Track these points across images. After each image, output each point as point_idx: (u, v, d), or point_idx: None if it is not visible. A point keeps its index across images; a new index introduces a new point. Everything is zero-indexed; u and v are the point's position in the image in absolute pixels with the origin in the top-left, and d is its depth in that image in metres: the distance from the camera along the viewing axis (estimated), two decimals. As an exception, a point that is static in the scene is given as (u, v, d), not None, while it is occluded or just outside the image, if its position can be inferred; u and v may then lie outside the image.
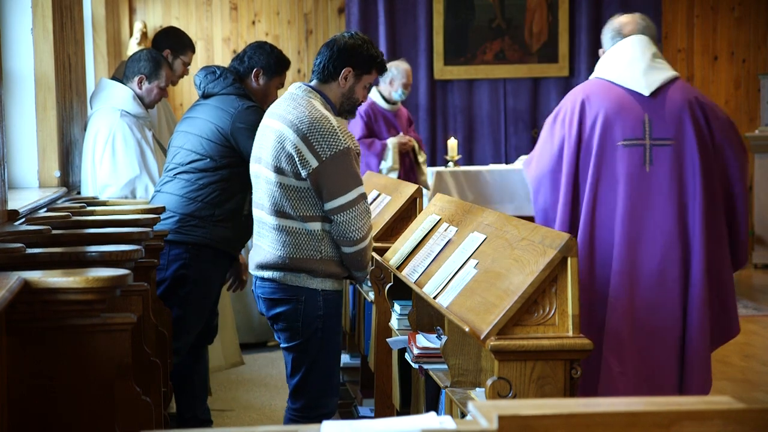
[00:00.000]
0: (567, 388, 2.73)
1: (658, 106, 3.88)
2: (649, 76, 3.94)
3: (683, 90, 3.92)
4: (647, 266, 3.85)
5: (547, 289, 2.77)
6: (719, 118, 3.89)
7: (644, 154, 3.86)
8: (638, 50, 3.99)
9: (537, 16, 9.96)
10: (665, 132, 3.86)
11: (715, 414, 1.49)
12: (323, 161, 3.72)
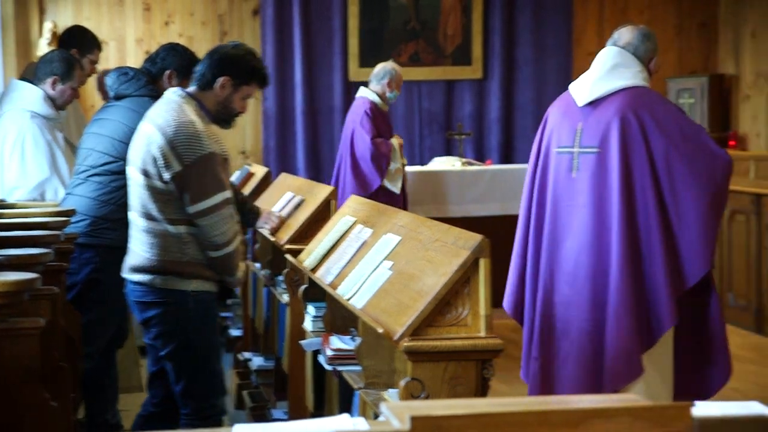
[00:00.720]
0: (479, 388, 2.75)
1: (591, 116, 4.02)
2: (596, 86, 4.06)
3: (624, 100, 3.99)
4: (565, 266, 4.03)
5: (460, 290, 2.79)
6: (662, 130, 3.93)
7: (572, 161, 4.03)
8: (599, 61, 4.15)
9: (451, 19, 10.03)
10: (592, 140, 4.00)
11: (622, 411, 1.51)
12: (186, 165, 3.76)
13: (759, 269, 7.44)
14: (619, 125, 3.95)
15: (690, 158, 3.93)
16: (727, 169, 3.96)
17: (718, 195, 3.94)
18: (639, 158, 3.94)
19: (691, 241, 3.91)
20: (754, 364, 6.55)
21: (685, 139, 3.96)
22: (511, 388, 6.03)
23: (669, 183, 3.92)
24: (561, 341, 4.07)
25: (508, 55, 10.05)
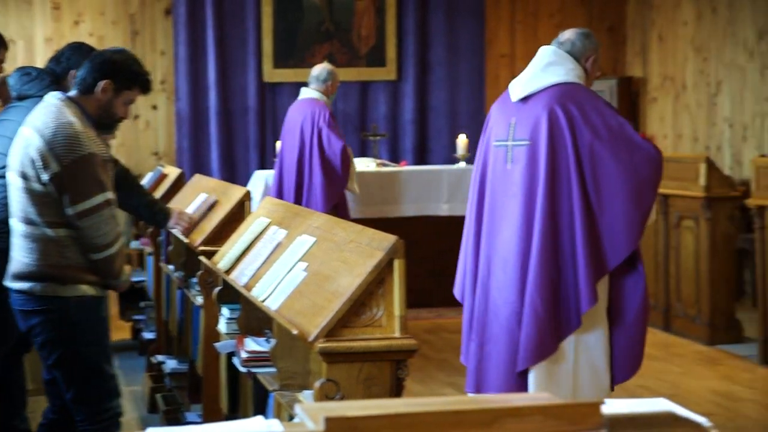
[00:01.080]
0: (394, 388, 2.76)
1: (523, 111, 4.25)
2: (529, 83, 4.28)
3: (552, 95, 4.20)
4: (501, 252, 4.25)
5: (375, 291, 2.80)
6: (588, 123, 4.13)
7: (507, 153, 4.28)
8: (535, 60, 4.35)
9: (365, 20, 10.05)
10: (523, 133, 4.23)
11: (534, 410, 1.53)
12: (65, 165, 3.72)
13: (666, 269, 7.58)
14: (548, 118, 4.16)
15: (614, 150, 4.12)
16: (650, 161, 4.15)
17: (642, 184, 4.12)
18: (565, 149, 4.14)
19: (612, 227, 4.10)
20: (661, 362, 6.67)
21: (610, 132, 4.14)
22: (426, 388, 6.07)
23: (592, 173, 4.12)
24: (493, 324, 4.27)
25: (421, 57, 10.10)
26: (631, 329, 4.20)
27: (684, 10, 10.26)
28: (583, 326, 4.15)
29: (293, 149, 7.54)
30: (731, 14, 9.54)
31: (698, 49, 10.03)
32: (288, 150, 7.59)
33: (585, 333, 4.18)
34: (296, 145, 7.49)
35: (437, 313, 8.48)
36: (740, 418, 5.44)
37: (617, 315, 4.22)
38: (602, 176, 4.12)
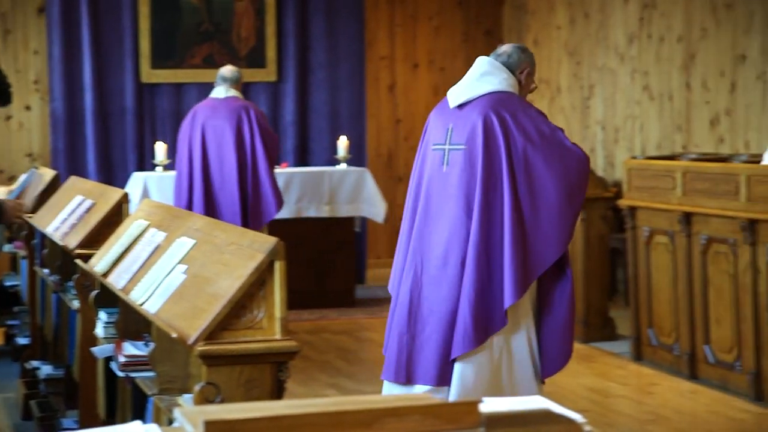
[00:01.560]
0: (275, 390, 2.76)
1: (460, 117, 4.46)
2: (466, 91, 4.50)
3: (487, 102, 4.42)
4: (436, 250, 4.43)
5: (256, 293, 2.79)
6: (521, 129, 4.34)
7: (443, 157, 4.48)
8: (472, 70, 4.58)
9: (245, 21, 9.99)
10: (460, 138, 4.43)
11: (413, 410, 1.55)
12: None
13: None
14: (483, 124, 4.37)
15: (546, 155, 4.33)
16: (580, 165, 4.39)
17: (573, 188, 4.36)
18: (499, 154, 4.34)
19: (545, 230, 4.32)
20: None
21: (542, 138, 4.35)
22: (308, 390, 6.07)
23: (525, 177, 4.33)
24: (428, 319, 4.43)
25: (302, 59, 10.09)
26: (559, 328, 4.38)
27: (558, 15, 10.47)
28: (510, 324, 4.34)
29: (229, 154, 7.41)
30: (603, 19, 9.77)
31: (572, 53, 10.24)
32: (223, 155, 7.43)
33: (511, 331, 4.36)
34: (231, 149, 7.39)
35: (319, 315, 8.49)
36: (613, 413, 5.57)
37: (546, 314, 4.40)
38: (535, 179, 4.32)
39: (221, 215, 7.29)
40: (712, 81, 8.42)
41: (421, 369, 4.41)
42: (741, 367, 5.78)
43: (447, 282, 4.39)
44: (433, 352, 4.40)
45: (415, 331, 4.47)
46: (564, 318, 4.39)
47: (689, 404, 5.70)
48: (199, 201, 7.38)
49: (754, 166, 6.04)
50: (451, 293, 4.38)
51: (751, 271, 5.65)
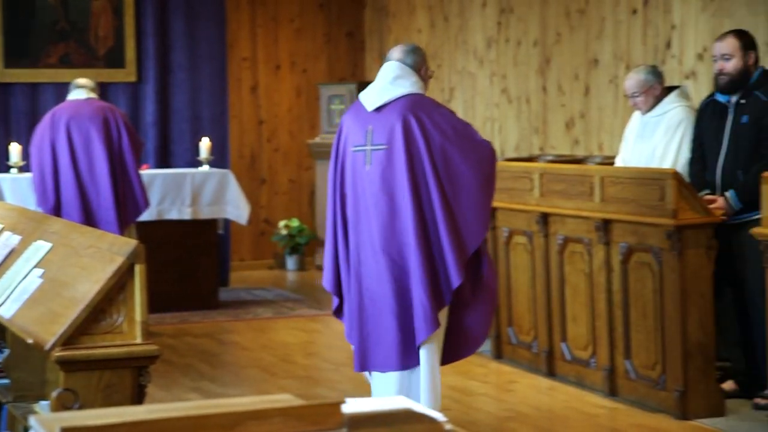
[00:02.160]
0: (135, 395, 2.72)
1: (379, 119, 4.81)
2: (381, 94, 4.85)
3: (404, 105, 4.79)
4: (368, 243, 4.78)
5: (115, 297, 2.76)
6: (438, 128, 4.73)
7: (365, 157, 4.83)
8: (382, 74, 4.92)
9: (102, 21, 9.81)
10: (380, 139, 4.79)
11: (276, 412, 1.56)
12: None
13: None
14: (402, 125, 4.75)
15: (462, 150, 4.74)
16: (490, 155, 4.82)
17: (486, 176, 4.78)
18: (419, 151, 4.72)
19: (467, 217, 4.72)
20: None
21: (457, 135, 4.76)
22: (170, 394, 6.00)
23: (446, 171, 4.72)
24: (370, 308, 4.79)
25: (162, 59, 9.96)
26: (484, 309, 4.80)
27: (418, 18, 10.59)
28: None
29: (99, 154, 7.26)
30: (462, 23, 9.92)
31: (432, 56, 10.36)
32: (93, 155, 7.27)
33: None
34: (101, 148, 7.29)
35: (182, 318, 8.39)
36: (474, 411, 5.66)
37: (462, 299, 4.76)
38: (454, 173, 4.72)
39: (97, 215, 7.19)
40: (567, 84, 8.63)
41: (374, 356, 4.75)
42: (596, 364, 5.94)
43: (382, 273, 4.74)
44: (389, 339, 4.73)
45: (361, 321, 4.81)
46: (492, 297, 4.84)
47: (547, 400, 5.84)
48: (70, 202, 7.24)
49: (608, 167, 6.21)
50: (385, 282, 4.73)
51: (605, 269, 5.81)
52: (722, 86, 5.66)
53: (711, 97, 5.78)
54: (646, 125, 6.12)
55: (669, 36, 7.63)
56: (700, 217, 5.37)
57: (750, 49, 5.63)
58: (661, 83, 6.09)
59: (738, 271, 5.58)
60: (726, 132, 5.63)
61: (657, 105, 6.07)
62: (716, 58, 5.68)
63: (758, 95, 5.55)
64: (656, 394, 5.52)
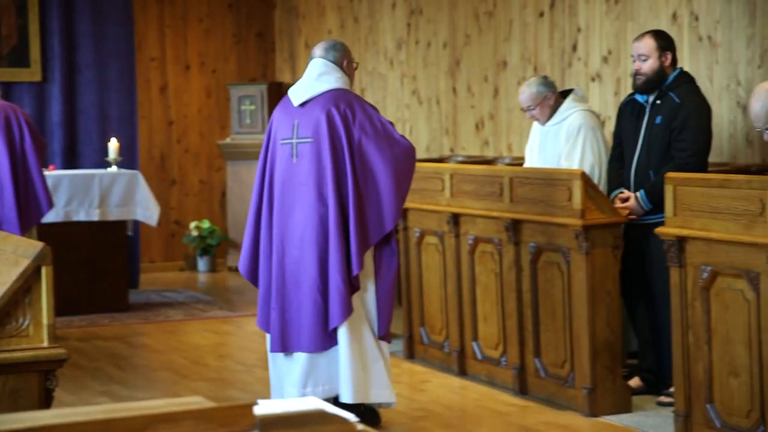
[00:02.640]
0: (42, 400, 2.68)
1: (304, 113, 5.13)
2: (306, 90, 5.16)
3: (327, 100, 5.10)
4: (294, 232, 5.07)
5: (21, 300, 2.71)
6: (357, 123, 5.05)
7: (292, 150, 5.13)
8: (308, 71, 5.24)
9: (5, 19, 9.63)
10: (306, 132, 5.10)
11: (186, 415, 1.54)
12: None
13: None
14: (326, 119, 5.05)
15: (377, 145, 5.04)
16: (407, 153, 5.12)
17: (400, 173, 5.08)
18: (342, 144, 5.03)
19: (377, 207, 5.03)
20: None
21: (375, 131, 5.06)
22: (79, 399, 5.91)
23: (361, 164, 5.03)
24: (293, 294, 5.08)
25: (68, 59, 9.81)
26: (387, 293, 5.15)
27: (328, 19, 10.59)
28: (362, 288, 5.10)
29: (1, 155, 7.11)
30: (372, 24, 9.95)
31: (344, 56, 10.36)
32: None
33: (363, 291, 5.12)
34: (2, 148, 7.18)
35: (90, 321, 8.28)
36: (386, 411, 5.68)
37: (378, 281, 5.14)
38: (368, 165, 5.03)
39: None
40: (476, 86, 8.71)
41: (296, 339, 5.08)
42: (506, 363, 6.01)
43: (307, 259, 5.04)
44: (308, 322, 5.05)
45: (283, 307, 5.10)
46: (391, 286, 5.15)
47: (458, 399, 5.88)
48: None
49: (517, 168, 6.28)
50: (312, 269, 5.03)
51: (515, 269, 5.87)
52: (638, 86, 5.75)
53: (631, 96, 5.87)
54: (546, 135, 6.20)
55: (575, 38, 7.74)
56: (606, 217, 5.46)
57: (666, 50, 5.70)
58: (554, 92, 6.15)
59: (647, 270, 5.68)
60: (641, 132, 5.72)
61: (554, 114, 6.14)
62: (634, 58, 5.77)
63: (672, 96, 5.64)
64: (565, 391, 5.60)
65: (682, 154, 5.54)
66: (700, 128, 5.58)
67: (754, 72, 6.50)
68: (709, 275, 4.74)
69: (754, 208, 4.49)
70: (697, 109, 5.60)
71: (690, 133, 5.54)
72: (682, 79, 5.69)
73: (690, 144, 5.53)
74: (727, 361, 4.67)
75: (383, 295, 5.14)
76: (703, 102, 5.66)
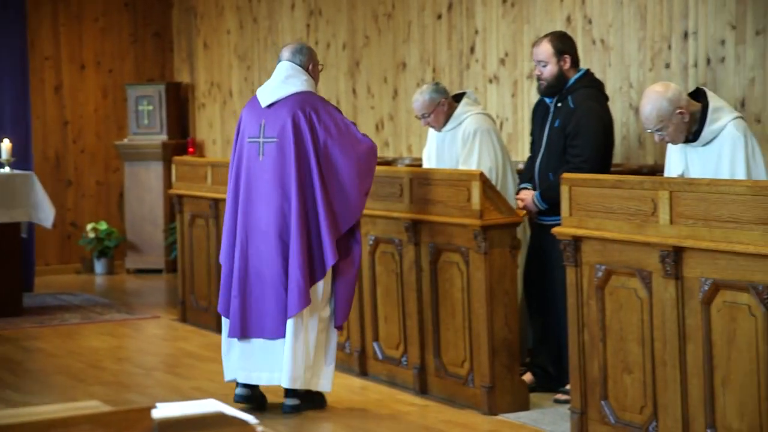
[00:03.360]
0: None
1: (271, 114, 5.51)
2: (274, 92, 5.53)
3: (295, 103, 5.48)
4: (258, 226, 5.47)
5: None
6: (322, 124, 5.44)
7: (259, 148, 5.52)
8: (276, 73, 5.61)
9: None
10: (272, 132, 5.48)
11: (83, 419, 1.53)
12: None
13: (218, 271, 7.74)
14: (291, 121, 5.43)
15: (342, 145, 5.43)
16: (368, 151, 5.50)
17: (363, 170, 5.48)
18: (306, 145, 5.41)
19: (343, 203, 5.44)
20: (216, 363, 6.80)
21: (339, 131, 5.45)
22: (-30, 406, 5.78)
23: (326, 163, 5.43)
24: (255, 284, 5.48)
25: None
26: (348, 284, 5.50)
27: (227, 19, 10.53)
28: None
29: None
30: (271, 24, 9.92)
31: (242, 57, 10.32)
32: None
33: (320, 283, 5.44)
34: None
35: (-19, 326, 8.10)
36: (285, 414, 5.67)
37: (340, 271, 5.47)
38: (334, 165, 5.43)
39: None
40: (375, 87, 8.74)
41: (257, 325, 5.46)
42: (407, 362, 6.04)
43: (269, 251, 5.44)
44: (270, 310, 5.44)
45: (245, 295, 5.49)
46: (354, 276, 5.53)
47: (360, 400, 5.90)
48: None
49: (417, 169, 6.32)
50: (274, 260, 5.42)
51: (415, 269, 5.91)
52: (541, 92, 5.82)
53: (540, 95, 5.94)
54: (443, 140, 6.26)
55: (473, 40, 7.83)
56: (504, 217, 5.53)
57: (564, 53, 5.73)
58: (447, 98, 6.20)
59: (547, 270, 5.77)
60: (545, 134, 5.80)
61: (449, 119, 6.20)
62: (535, 63, 5.83)
63: (569, 101, 5.71)
64: (465, 390, 5.66)
65: (575, 159, 5.63)
66: (593, 134, 5.63)
67: (645, 74, 6.65)
68: (603, 274, 4.83)
69: (646, 208, 4.59)
70: (591, 115, 5.65)
71: (582, 139, 5.62)
72: (581, 83, 5.74)
73: (582, 150, 5.62)
74: (621, 359, 4.77)
75: (344, 287, 5.48)
76: (598, 106, 5.71)
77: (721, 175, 4.73)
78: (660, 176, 5.01)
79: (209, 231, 7.83)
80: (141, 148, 10.66)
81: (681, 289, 4.45)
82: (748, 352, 4.19)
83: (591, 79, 5.80)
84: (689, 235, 4.39)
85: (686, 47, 6.41)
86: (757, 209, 4.11)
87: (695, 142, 4.84)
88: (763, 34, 6.01)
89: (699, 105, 4.83)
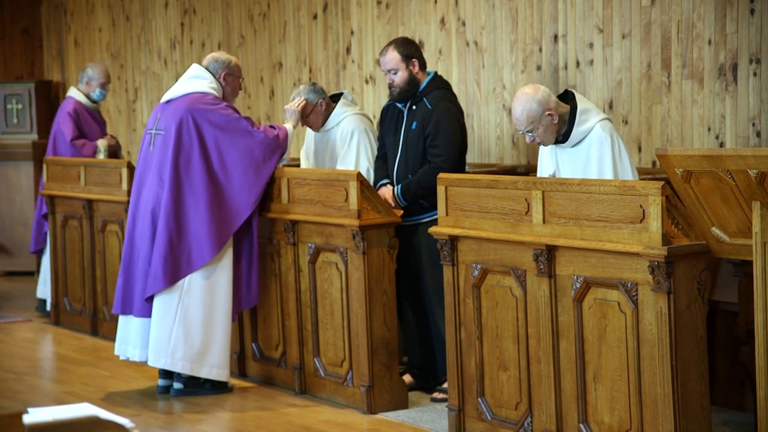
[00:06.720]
0: None
1: (166, 109, 5.96)
2: (174, 90, 5.99)
3: (188, 100, 5.92)
4: (142, 209, 5.93)
5: None
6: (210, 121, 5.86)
7: (151, 139, 6.01)
8: (186, 73, 6.07)
9: None
10: (162, 126, 5.94)
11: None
12: None
13: (93, 273, 7.61)
14: (180, 116, 5.86)
15: (232, 140, 5.88)
16: (262, 144, 5.90)
17: (257, 161, 5.89)
18: (191, 140, 5.85)
19: (237, 194, 5.85)
20: (90, 366, 6.69)
21: (229, 126, 5.89)
22: None
23: (218, 157, 5.87)
24: (136, 264, 5.91)
25: None
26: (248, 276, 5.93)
27: (98, 17, 10.35)
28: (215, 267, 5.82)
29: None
30: (144, 23, 9.78)
31: (115, 55, 10.17)
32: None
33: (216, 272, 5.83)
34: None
35: None
36: (164, 415, 5.61)
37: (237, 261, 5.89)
38: (226, 158, 5.86)
39: None
40: (252, 87, 8.70)
41: (132, 303, 5.88)
42: (286, 363, 6.03)
43: (146, 234, 5.85)
44: (139, 288, 5.84)
45: (128, 275, 5.94)
46: (256, 267, 5.91)
47: (239, 402, 5.86)
48: None
49: (295, 169, 6.31)
50: (148, 242, 5.83)
51: (294, 269, 5.91)
52: (396, 98, 5.87)
53: (392, 101, 5.98)
54: (321, 141, 6.27)
55: (348, 41, 7.85)
56: (381, 217, 5.56)
57: (411, 58, 5.79)
58: (324, 98, 6.22)
59: (417, 269, 5.82)
60: (401, 137, 5.85)
61: (327, 119, 6.21)
62: (385, 72, 5.88)
63: (425, 102, 5.78)
64: (344, 390, 5.68)
65: (436, 159, 5.70)
66: (452, 134, 5.72)
67: (517, 76, 6.76)
68: (479, 273, 4.90)
69: (520, 208, 4.67)
70: (448, 115, 5.73)
71: (442, 139, 5.69)
72: (434, 85, 5.81)
73: (443, 150, 5.69)
74: (497, 356, 4.85)
75: (244, 278, 5.92)
76: (453, 107, 5.80)
77: (589, 175, 4.84)
78: (533, 176, 5.11)
79: (83, 232, 7.68)
80: (10, 147, 10.41)
81: (554, 287, 4.54)
82: (618, 348, 4.30)
83: (442, 81, 5.89)
84: (561, 234, 4.48)
85: (556, 50, 6.54)
86: (625, 208, 4.22)
87: (565, 143, 4.94)
88: (629, 37, 6.18)
89: (568, 107, 4.94)
